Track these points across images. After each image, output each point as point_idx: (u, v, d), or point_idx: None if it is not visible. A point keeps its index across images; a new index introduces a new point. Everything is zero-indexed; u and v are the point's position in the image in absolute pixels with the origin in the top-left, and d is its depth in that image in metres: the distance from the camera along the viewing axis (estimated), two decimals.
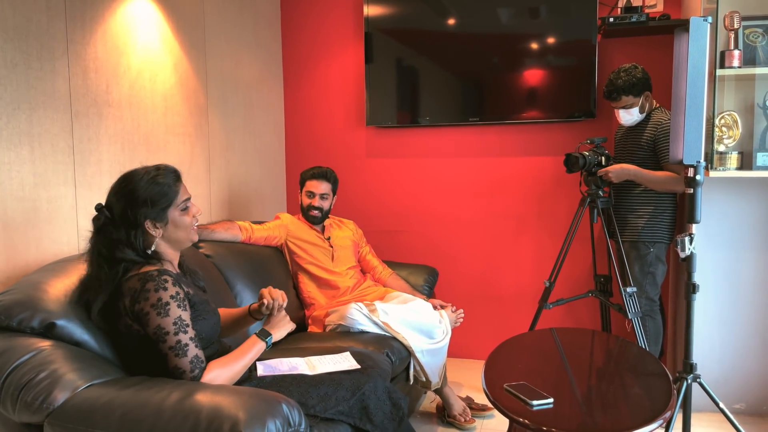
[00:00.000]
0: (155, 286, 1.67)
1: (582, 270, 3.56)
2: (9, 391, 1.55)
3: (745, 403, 2.95)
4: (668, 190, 2.87)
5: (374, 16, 3.66)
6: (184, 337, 1.67)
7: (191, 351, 1.67)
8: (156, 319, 1.66)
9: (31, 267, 2.07)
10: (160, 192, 1.76)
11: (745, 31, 2.76)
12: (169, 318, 1.66)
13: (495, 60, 3.51)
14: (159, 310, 1.66)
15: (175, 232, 1.80)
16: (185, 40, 2.91)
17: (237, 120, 3.39)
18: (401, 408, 2.00)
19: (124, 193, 1.74)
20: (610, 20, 3.13)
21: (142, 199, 1.73)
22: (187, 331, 1.68)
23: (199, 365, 1.68)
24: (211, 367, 1.71)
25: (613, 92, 2.91)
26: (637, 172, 2.87)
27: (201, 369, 1.68)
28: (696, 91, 2.22)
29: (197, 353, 1.69)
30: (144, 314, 1.67)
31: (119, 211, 1.73)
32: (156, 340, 1.67)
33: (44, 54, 2.12)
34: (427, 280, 3.23)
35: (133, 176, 1.77)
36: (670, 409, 1.78)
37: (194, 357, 1.68)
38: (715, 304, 2.95)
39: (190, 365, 1.67)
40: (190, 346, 1.68)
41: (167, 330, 1.66)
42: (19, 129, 2.03)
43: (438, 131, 3.75)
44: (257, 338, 1.85)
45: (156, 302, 1.66)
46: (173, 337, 1.66)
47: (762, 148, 2.78)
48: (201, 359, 1.70)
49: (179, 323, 1.67)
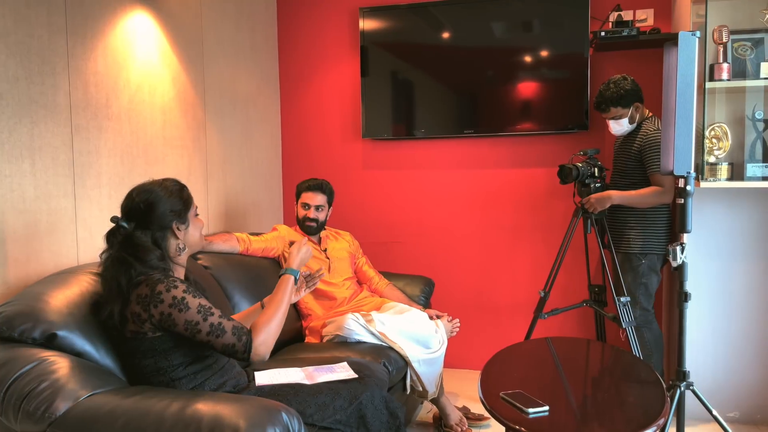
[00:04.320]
0: (166, 287, 1.72)
1: (576, 280, 3.60)
2: (11, 401, 1.57)
3: (739, 411, 2.97)
4: (656, 204, 2.89)
5: (370, 30, 3.71)
6: (214, 318, 1.73)
7: (227, 326, 1.73)
8: (180, 315, 1.70)
9: (32, 278, 2.09)
10: (183, 196, 1.89)
11: (734, 45, 2.82)
12: (192, 309, 1.71)
13: (489, 73, 3.56)
14: (180, 307, 1.70)
15: (193, 235, 1.92)
16: (183, 55, 2.95)
17: (234, 133, 3.43)
18: (398, 417, 2.02)
19: (151, 200, 1.82)
20: (602, 34, 3.19)
21: (170, 204, 1.84)
22: (213, 312, 1.74)
23: (243, 333, 1.74)
24: (256, 327, 1.78)
25: (602, 104, 2.96)
26: (620, 196, 2.91)
27: (247, 335, 1.75)
28: (685, 103, 2.27)
29: (233, 324, 1.75)
30: (167, 316, 1.70)
31: (147, 217, 1.80)
32: (192, 335, 1.71)
33: (46, 69, 2.15)
34: (423, 291, 3.25)
35: (153, 185, 1.86)
36: (663, 416, 1.80)
37: (233, 329, 1.74)
38: (707, 313, 2.98)
39: (234, 338, 1.72)
40: (224, 322, 1.74)
41: (195, 320, 1.71)
42: (20, 142, 2.05)
43: (433, 143, 3.79)
44: (286, 276, 1.97)
45: (173, 301, 1.70)
46: (205, 324, 1.71)
47: (752, 159, 2.83)
48: (239, 327, 1.75)
49: (202, 310, 1.72)
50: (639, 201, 2.89)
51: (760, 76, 2.74)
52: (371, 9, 3.70)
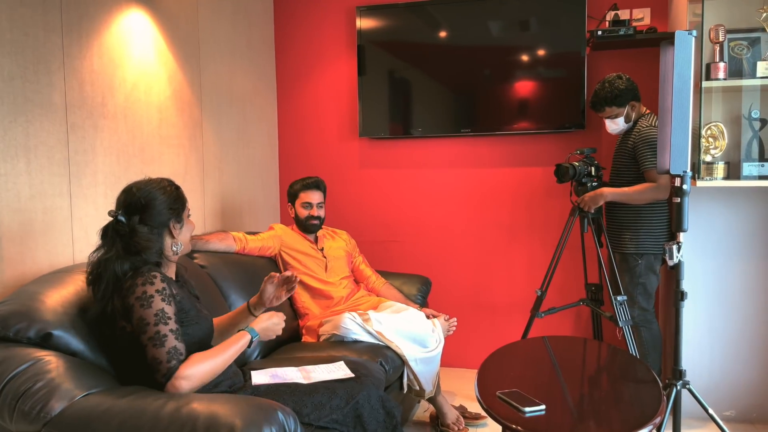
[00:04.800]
0: (143, 280, 1.71)
1: (573, 279, 3.60)
2: (6, 401, 1.57)
3: (735, 410, 2.98)
4: (650, 200, 2.88)
5: (367, 28, 3.70)
6: (164, 329, 1.67)
7: (169, 342, 1.67)
8: (139, 311, 1.68)
9: (27, 278, 2.08)
10: (180, 196, 1.89)
11: (730, 44, 2.82)
12: (151, 309, 1.68)
13: (486, 72, 3.56)
14: (142, 302, 1.69)
15: (186, 235, 1.92)
16: (180, 53, 2.94)
17: (231, 132, 3.42)
18: (395, 417, 2.02)
19: (151, 195, 1.82)
20: (599, 33, 3.19)
21: (169, 201, 1.84)
22: (168, 323, 1.68)
23: (176, 356, 1.66)
24: (191, 359, 1.70)
25: (596, 103, 2.97)
26: (613, 193, 2.91)
27: (179, 360, 1.66)
28: (682, 102, 2.27)
29: (176, 345, 1.68)
30: (129, 307, 1.70)
31: (146, 212, 1.80)
32: (138, 333, 1.68)
33: (41, 67, 2.14)
34: (420, 290, 3.25)
35: (152, 182, 1.86)
36: (659, 415, 1.80)
37: (172, 348, 1.66)
38: (704, 312, 2.99)
39: (167, 355, 1.65)
40: (170, 337, 1.67)
41: (148, 321, 1.67)
42: (15, 141, 2.04)
43: (430, 142, 3.79)
44: (243, 332, 1.88)
45: (141, 295, 1.69)
46: (153, 328, 1.67)
47: (748, 158, 2.83)
48: (180, 351, 1.68)
49: (160, 314, 1.68)
50: (632, 197, 2.88)
51: (756, 76, 2.74)
52: (368, 8, 3.70)
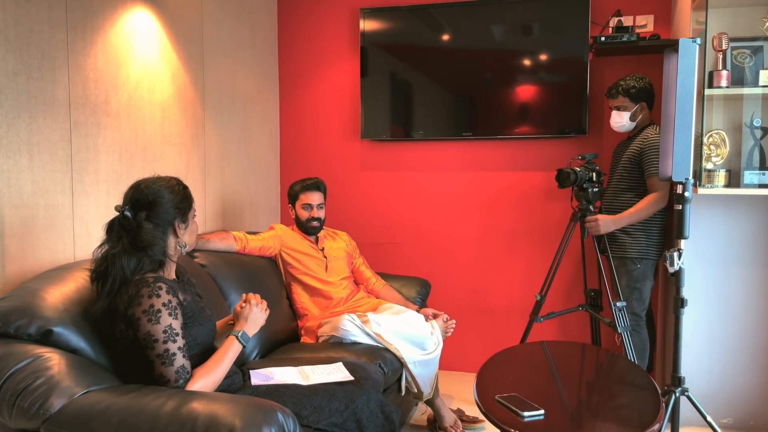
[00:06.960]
0: (149, 292, 1.70)
1: (572, 284, 3.60)
2: (6, 397, 1.56)
3: (733, 417, 2.98)
4: (656, 211, 2.91)
5: (370, 31, 3.71)
6: (173, 347, 1.69)
7: (178, 361, 1.70)
8: (147, 325, 1.68)
9: (28, 274, 2.08)
10: (187, 196, 1.90)
11: (733, 52, 2.83)
12: (160, 326, 1.69)
13: (488, 76, 3.56)
14: (150, 317, 1.69)
15: (190, 235, 1.92)
16: (183, 53, 2.94)
17: (233, 131, 3.42)
18: (393, 421, 2.02)
19: (159, 193, 1.82)
20: (602, 39, 3.20)
21: (176, 200, 1.84)
22: (176, 340, 1.71)
23: (183, 375, 1.70)
24: (195, 377, 1.74)
25: (613, 88, 3.01)
26: (618, 219, 2.90)
27: (185, 379, 1.71)
28: (685, 109, 2.28)
29: (184, 363, 1.71)
30: (135, 319, 1.69)
31: (153, 209, 1.80)
32: (144, 346, 1.70)
33: (45, 64, 2.14)
34: (419, 292, 3.26)
35: (160, 180, 1.86)
36: (658, 421, 1.81)
37: (180, 367, 1.70)
38: (703, 319, 2.99)
39: (175, 375, 1.69)
40: (178, 356, 1.70)
41: (156, 338, 1.68)
42: (18, 137, 2.04)
43: (431, 145, 3.79)
44: (232, 338, 1.89)
45: (148, 308, 1.69)
46: (162, 345, 1.68)
47: (749, 166, 2.84)
48: (187, 370, 1.72)
49: (169, 332, 1.69)
50: (641, 215, 2.89)
51: (758, 84, 2.75)
52: (372, 10, 3.70)
